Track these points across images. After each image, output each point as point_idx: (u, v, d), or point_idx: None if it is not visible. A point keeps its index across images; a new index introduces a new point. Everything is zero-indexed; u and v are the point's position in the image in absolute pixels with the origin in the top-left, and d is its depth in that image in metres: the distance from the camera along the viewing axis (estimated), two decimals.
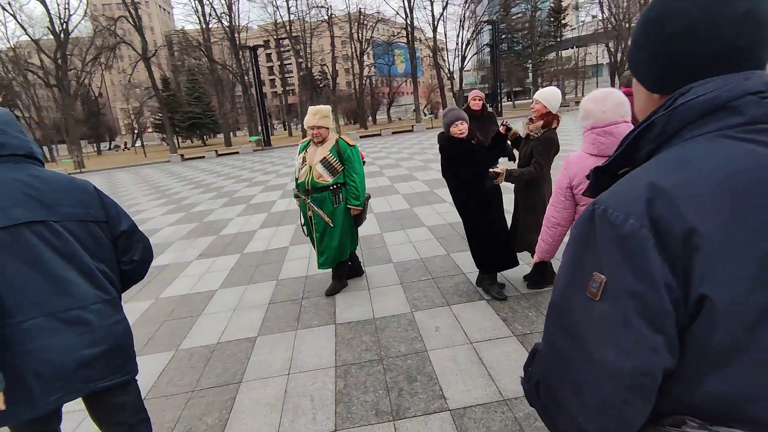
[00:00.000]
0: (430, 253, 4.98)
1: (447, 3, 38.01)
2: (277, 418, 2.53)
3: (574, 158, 2.43)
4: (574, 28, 53.36)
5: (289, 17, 40.86)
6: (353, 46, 42.50)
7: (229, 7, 36.70)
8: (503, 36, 48.68)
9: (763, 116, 0.64)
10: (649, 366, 0.64)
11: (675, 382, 0.66)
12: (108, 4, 53.75)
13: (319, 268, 4.05)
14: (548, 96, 3.31)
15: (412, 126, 31.89)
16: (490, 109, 5.47)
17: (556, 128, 3.38)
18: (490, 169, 3.29)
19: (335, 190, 3.85)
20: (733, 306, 0.59)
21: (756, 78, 0.66)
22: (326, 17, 41.71)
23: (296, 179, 3.91)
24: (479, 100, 5.27)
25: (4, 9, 32.72)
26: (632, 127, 1.36)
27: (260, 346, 3.38)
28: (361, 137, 28.43)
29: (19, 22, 32.91)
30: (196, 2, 37.77)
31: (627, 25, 42.41)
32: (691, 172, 0.63)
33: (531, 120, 3.47)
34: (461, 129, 3.47)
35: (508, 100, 54.10)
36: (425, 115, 39.56)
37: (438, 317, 3.50)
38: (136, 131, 54.72)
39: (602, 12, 44.84)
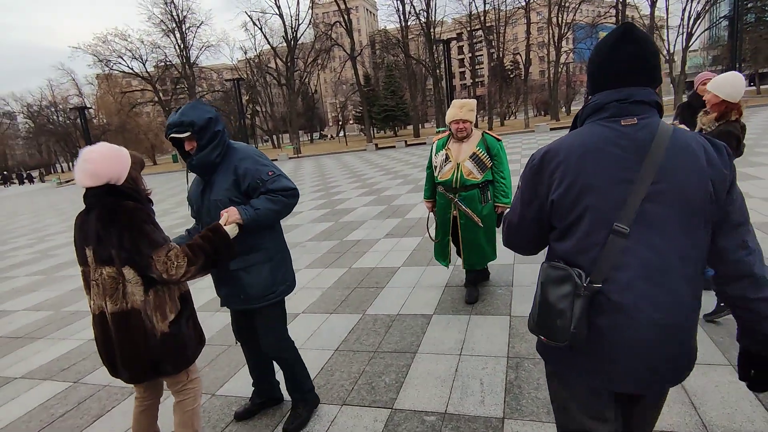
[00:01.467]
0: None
1: None
2: (447, 392, 2.66)
3: None
4: None
5: (485, 7, 40.46)
6: (551, 31, 39.69)
7: (427, 4, 38.30)
8: (749, 4, 38.92)
9: (618, 113, 1.23)
10: (523, 222, 1.38)
11: (551, 243, 1.35)
12: (327, 12, 61.93)
13: (465, 268, 3.90)
14: (722, 84, 2.83)
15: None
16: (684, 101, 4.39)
17: (737, 120, 2.81)
18: None
19: (483, 187, 3.68)
20: (563, 208, 1.25)
21: (622, 92, 1.23)
22: (523, 3, 39.90)
23: (436, 178, 3.75)
24: (703, 84, 4.02)
25: (255, 24, 40.81)
26: None
27: (435, 323, 3.57)
28: (551, 129, 26.61)
29: (264, 34, 40.66)
30: (398, 2, 40.51)
31: None
32: (565, 140, 1.28)
33: (705, 112, 2.96)
34: None
35: (751, 84, 43.21)
36: None
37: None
38: (340, 123, 62.34)
39: None
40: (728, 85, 2.84)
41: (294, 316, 4.04)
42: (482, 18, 40.83)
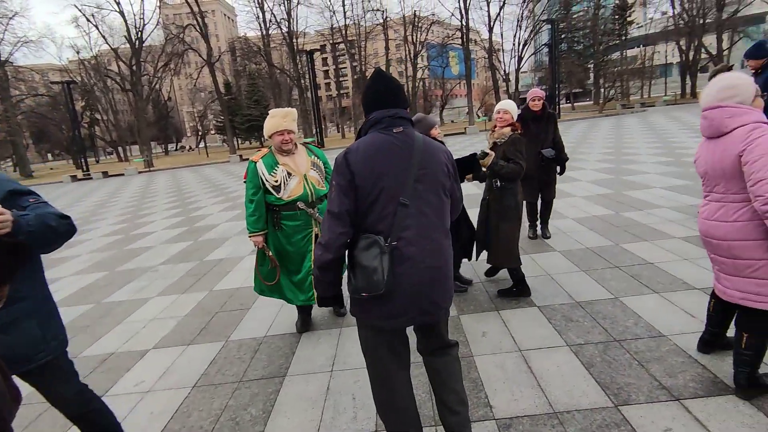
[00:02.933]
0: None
1: (504, 3, 37.16)
2: (319, 414, 2.53)
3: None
4: (641, 26, 50.28)
5: (345, 22, 41.63)
6: (407, 48, 42.55)
7: (288, 14, 37.99)
8: (563, 35, 46.81)
9: (391, 125, 1.82)
10: (344, 209, 1.75)
11: (358, 220, 1.78)
12: (178, 13, 57.30)
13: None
14: (513, 106, 3.71)
15: (465, 128, 31.42)
16: (550, 110, 5.16)
17: (518, 131, 3.67)
18: (482, 149, 3.47)
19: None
20: (366, 190, 1.74)
21: (390, 111, 1.83)
22: (381, 20, 42.07)
23: (280, 199, 3.23)
24: (539, 100, 4.91)
25: (89, 20, 35.78)
26: (734, 112, 2.16)
27: (305, 341, 3.41)
28: None
29: (101, 33, 35.88)
30: (257, 9, 39.37)
31: (701, 21, 39.43)
32: (360, 143, 1.80)
33: (493, 130, 3.73)
34: (435, 133, 3.48)
35: (567, 102, 51.89)
36: (479, 117, 38.83)
37: (485, 322, 3.37)
38: (200, 133, 57.92)
39: (673, 8, 42.00)
40: (514, 108, 3.73)
41: (141, 354, 3.51)
42: (344, 32, 41.94)
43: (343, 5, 40.73)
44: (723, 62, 26.78)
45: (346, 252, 1.83)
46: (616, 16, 45.32)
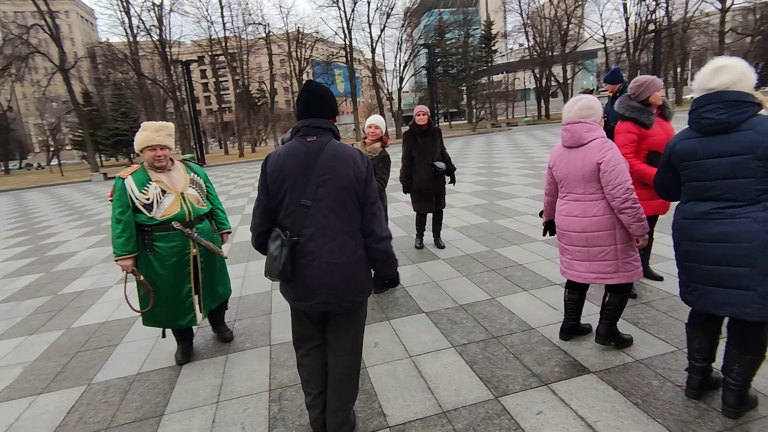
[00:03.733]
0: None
1: (385, 26, 39.11)
2: None
3: (553, 149, 2.92)
4: (504, 55, 56.74)
5: (225, 33, 39.99)
6: (292, 64, 42.29)
7: (159, 20, 35.28)
8: (439, 59, 50.71)
9: (306, 133, 2.06)
10: (261, 205, 2.10)
11: (274, 215, 2.09)
12: (21, 12, 49.67)
13: (205, 315, 3.30)
14: (381, 121, 4.03)
15: (352, 144, 32.03)
16: (436, 125, 5.40)
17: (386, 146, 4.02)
18: None
19: (209, 216, 3.30)
20: (275, 190, 2.04)
21: (307, 121, 2.08)
22: (264, 35, 41.28)
23: (153, 219, 2.94)
24: (424, 115, 5.06)
25: None
26: (590, 127, 2.66)
27: (186, 373, 3.12)
28: None
29: None
30: (123, 14, 35.88)
31: (550, 53, 45.75)
32: (280, 149, 2.07)
33: (364, 142, 4.01)
34: None
35: (444, 120, 56.03)
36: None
37: (377, 332, 3.43)
38: (52, 149, 50.36)
39: (528, 40, 48.13)
40: (383, 123, 4.05)
41: None
42: (224, 44, 40.20)
43: (222, 16, 39.27)
44: (580, 88, 31.46)
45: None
46: (483, 45, 50.53)
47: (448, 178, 5.45)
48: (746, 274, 2.00)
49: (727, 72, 1.99)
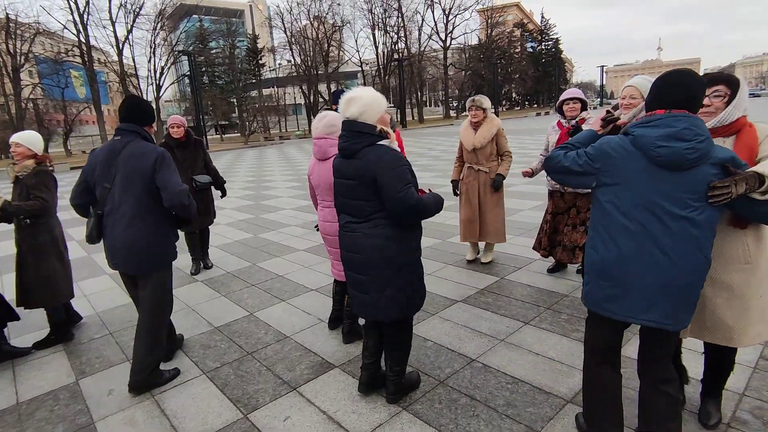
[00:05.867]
0: (110, 304, 4.25)
1: (132, 26, 34.65)
2: None
3: (311, 160, 3.07)
4: (273, 69, 57.47)
5: None
6: (3, 59, 33.24)
7: None
8: (203, 69, 47.86)
9: (116, 135, 2.73)
10: (79, 184, 2.76)
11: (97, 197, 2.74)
12: None
13: None
14: (28, 137, 3.34)
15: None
16: (196, 137, 4.96)
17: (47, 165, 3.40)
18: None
19: None
20: (89, 175, 2.71)
21: (121, 125, 2.74)
22: None
23: None
24: (179, 127, 4.65)
25: None
26: (334, 142, 2.81)
27: None
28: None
29: None
30: None
31: (315, 71, 48.64)
32: (102, 145, 2.78)
33: (13, 165, 3.34)
34: None
35: (216, 133, 53.18)
36: None
37: (113, 378, 2.98)
38: None
39: (294, 58, 50.03)
40: (35, 138, 3.40)
41: None
42: None
43: None
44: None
45: None
46: (250, 58, 50.08)
47: (219, 192, 5.15)
48: (364, 281, 2.28)
49: (355, 103, 2.15)
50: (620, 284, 1.73)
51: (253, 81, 50.40)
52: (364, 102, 2.16)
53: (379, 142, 2.16)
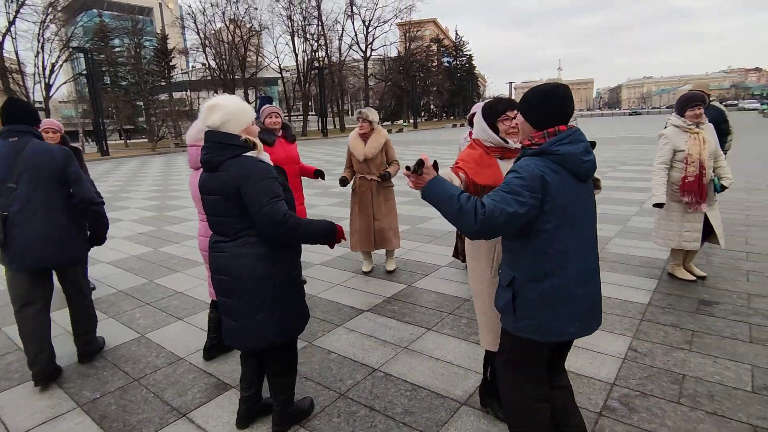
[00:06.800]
0: None
1: (15, 17, 30.89)
2: None
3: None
4: (186, 72, 54.24)
5: None
6: None
7: None
8: (104, 68, 43.93)
9: (8, 136, 2.73)
10: None
11: None
12: None
13: None
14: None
15: None
16: (74, 144, 4.30)
17: None
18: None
19: None
20: None
21: (11, 126, 2.76)
22: None
23: None
24: (54, 132, 3.89)
25: None
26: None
27: None
28: None
29: None
30: None
31: (231, 76, 46.75)
32: None
33: None
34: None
35: (120, 138, 48.88)
36: None
37: None
38: None
39: (207, 62, 47.70)
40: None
41: None
42: None
43: None
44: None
45: None
46: (158, 59, 46.83)
47: None
48: (232, 306, 2.06)
49: (218, 111, 1.97)
50: (579, 302, 1.69)
51: (163, 83, 47.20)
52: (228, 110, 1.98)
53: (246, 153, 2.00)
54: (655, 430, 2.22)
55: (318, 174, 4.27)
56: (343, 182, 4.61)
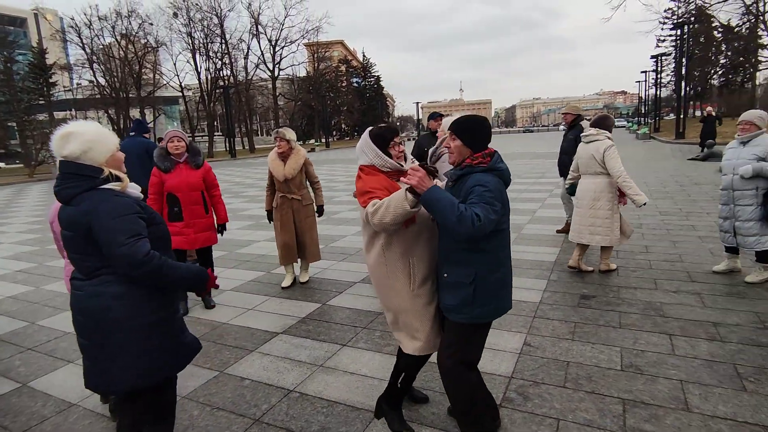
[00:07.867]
0: None
1: None
2: None
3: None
4: (70, 90, 49.17)
5: None
6: None
7: None
8: None
9: None
10: None
11: None
12: None
13: None
14: None
15: None
16: None
17: None
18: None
19: None
20: None
21: None
22: None
23: None
24: None
25: None
26: None
27: None
28: None
29: None
30: None
31: (124, 95, 43.35)
32: None
33: None
34: None
35: None
36: None
37: None
38: None
39: (96, 79, 43.80)
40: None
41: None
42: None
43: None
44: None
45: None
46: (35, 75, 41.97)
47: None
48: (89, 347, 1.89)
49: (75, 139, 1.79)
50: (510, 282, 2.21)
51: (41, 102, 42.29)
52: (87, 138, 1.79)
53: (105, 186, 1.81)
54: (545, 414, 2.49)
55: (221, 229, 4.48)
56: (270, 217, 4.91)
